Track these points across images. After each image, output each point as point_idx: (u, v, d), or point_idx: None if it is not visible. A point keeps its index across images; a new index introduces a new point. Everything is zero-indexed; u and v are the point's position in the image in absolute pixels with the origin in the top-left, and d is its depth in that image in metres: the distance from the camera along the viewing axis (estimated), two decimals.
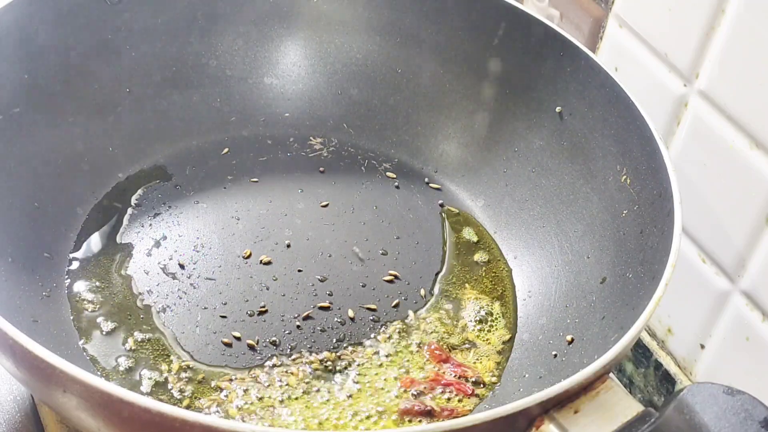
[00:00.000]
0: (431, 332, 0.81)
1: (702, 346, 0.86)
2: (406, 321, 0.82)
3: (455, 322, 0.83)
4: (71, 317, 0.77)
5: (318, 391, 0.75)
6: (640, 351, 0.94)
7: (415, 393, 0.75)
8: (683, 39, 0.81)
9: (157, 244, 0.86)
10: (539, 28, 0.90)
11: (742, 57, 0.76)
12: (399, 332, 0.81)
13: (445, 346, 0.80)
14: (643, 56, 0.87)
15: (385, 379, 0.76)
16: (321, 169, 0.97)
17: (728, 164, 0.79)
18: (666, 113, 0.85)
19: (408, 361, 0.78)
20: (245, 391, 0.74)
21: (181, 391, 0.74)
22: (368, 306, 0.83)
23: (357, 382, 0.76)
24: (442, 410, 0.74)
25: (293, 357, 0.78)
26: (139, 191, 0.90)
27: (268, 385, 0.75)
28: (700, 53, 0.80)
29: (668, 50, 0.84)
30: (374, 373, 0.77)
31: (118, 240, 0.85)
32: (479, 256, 0.90)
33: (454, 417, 0.73)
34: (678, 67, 0.83)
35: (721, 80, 0.78)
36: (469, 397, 0.76)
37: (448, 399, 0.75)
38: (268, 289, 0.83)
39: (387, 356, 0.79)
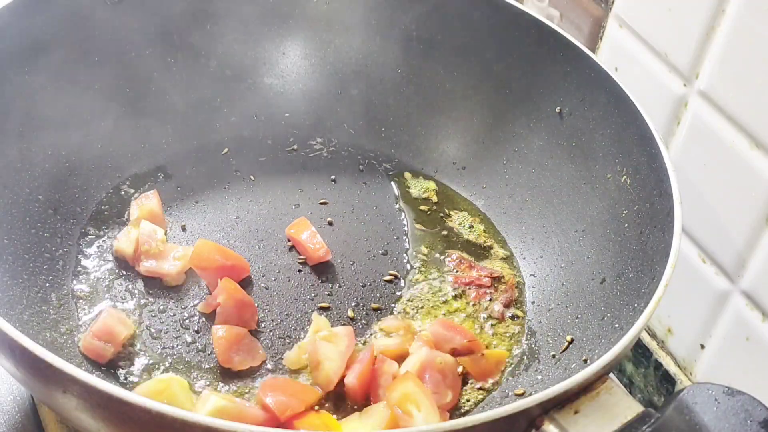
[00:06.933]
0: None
1: (702, 346, 0.86)
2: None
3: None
4: (71, 317, 0.77)
5: None
6: (640, 351, 0.94)
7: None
8: (683, 39, 0.81)
9: None
10: (539, 28, 0.90)
11: (742, 57, 0.76)
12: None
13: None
14: (643, 56, 0.87)
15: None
16: (321, 169, 0.97)
17: (728, 164, 0.79)
18: (666, 113, 0.85)
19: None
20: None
21: None
22: (368, 306, 0.83)
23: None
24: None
25: None
26: (140, 191, 0.90)
27: None
28: (700, 53, 0.80)
29: (668, 50, 0.84)
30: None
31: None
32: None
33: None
34: (678, 67, 0.83)
35: (721, 80, 0.78)
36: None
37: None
38: (267, 288, 0.83)
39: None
